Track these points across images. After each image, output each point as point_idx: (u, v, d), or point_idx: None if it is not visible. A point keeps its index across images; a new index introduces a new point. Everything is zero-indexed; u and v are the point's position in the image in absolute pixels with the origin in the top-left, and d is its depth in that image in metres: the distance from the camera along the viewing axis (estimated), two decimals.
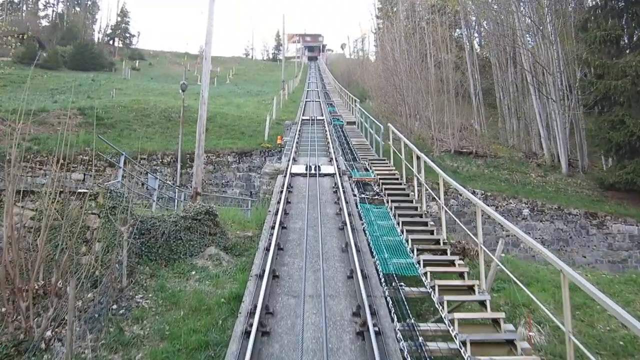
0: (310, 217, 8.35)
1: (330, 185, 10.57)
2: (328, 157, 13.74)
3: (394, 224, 8.51)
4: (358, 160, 14.08)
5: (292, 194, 9.78)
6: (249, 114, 27.18)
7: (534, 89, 26.30)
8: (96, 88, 36.67)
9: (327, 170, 11.68)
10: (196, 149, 11.44)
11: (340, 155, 14.12)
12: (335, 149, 15.02)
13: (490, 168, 24.04)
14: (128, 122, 22.92)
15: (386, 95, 33.21)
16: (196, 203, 8.69)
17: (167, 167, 20.14)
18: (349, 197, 9.60)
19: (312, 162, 12.69)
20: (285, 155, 14.51)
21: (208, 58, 11.48)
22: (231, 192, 20.28)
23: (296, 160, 13.08)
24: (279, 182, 10.71)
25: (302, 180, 10.89)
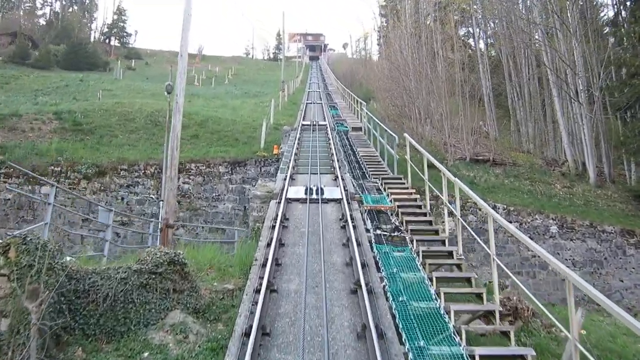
0: (310, 270, 6.13)
1: (336, 215, 8.33)
2: (332, 173, 11.51)
3: (423, 277, 6.27)
4: (368, 178, 11.84)
5: (287, 231, 7.54)
6: (245, 118, 24.94)
7: (557, 90, 24.02)
8: (84, 89, 34.48)
9: (332, 193, 9.43)
10: (166, 169, 9.22)
11: (346, 172, 11.89)
12: (340, 162, 12.79)
13: (510, 178, 21.77)
14: (109, 127, 20.69)
15: (393, 97, 30.98)
16: (157, 250, 6.43)
17: (150, 178, 17.92)
18: (361, 234, 7.37)
19: (314, 182, 10.46)
20: (281, 170, 12.27)
21: (184, 54, 9.24)
22: (222, 206, 18.05)
23: (294, 179, 10.84)
24: (271, 211, 8.48)
25: (300, 209, 8.66)
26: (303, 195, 9.26)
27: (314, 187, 9.60)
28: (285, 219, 8.00)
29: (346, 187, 9.75)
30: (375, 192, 10.18)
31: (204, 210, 17.87)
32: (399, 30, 26.85)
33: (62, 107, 22.48)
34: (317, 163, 12.76)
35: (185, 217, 17.69)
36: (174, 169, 8.82)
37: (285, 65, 59.15)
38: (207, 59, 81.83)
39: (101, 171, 17.48)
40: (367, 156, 14.55)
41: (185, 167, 18.32)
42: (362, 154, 14.77)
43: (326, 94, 40.46)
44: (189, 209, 17.79)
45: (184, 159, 18.43)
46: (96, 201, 17.09)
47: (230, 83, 56.16)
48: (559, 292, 17.59)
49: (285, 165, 12.45)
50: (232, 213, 18.00)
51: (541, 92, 32.98)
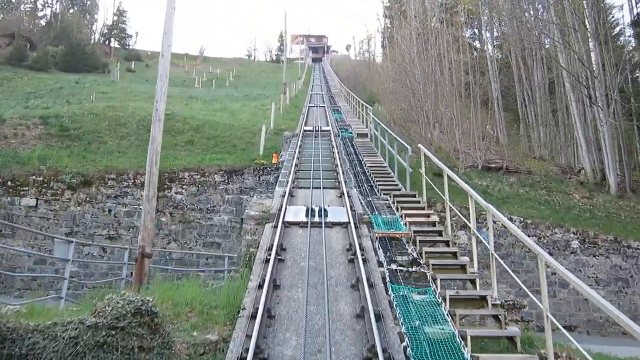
0: (311, 326, 4.84)
1: (342, 244, 7.03)
2: (337, 188, 10.23)
3: (453, 333, 4.98)
4: (377, 193, 10.56)
5: (283, 267, 6.26)
6: (244, 122, 23.70)
7: (575, 94, 22.68)
8: (78, 92, 33.35)
9: (338, 215, 8.15)
10: (145, 189, 7.94)
11: (352, 186, 10.61)
12: (345, 174, 11.52)
13: (526, 187, 20.44)
14: (99, 133, 19.48)
15: (399, 100, 29.70)
16: (119, 297, 5.15)
17: (140, 188, 16.63)
18: (373, 271, 6.09)
19: (316, 200, 9.19)
20: (279, 184, 11.00)
21: (166, 54, 7.99)
22: (218, 218, 16.79)
23: (293, 196, 9.56)
24: (266, 238, 7.20)
25: (300, 236, 7.37)
26: (303, 217, 7.98)
27: (316, 208, 8.32)
28: (282, 249, 6.72)
29: (353, 207, 8.46)
30: (386, 212, 8.89)
31: (197, 223, 16.64)
32: (406, 31, 25.58)
33: (49, 111, 21.28)
34: (319, 175, 11.48)
35: (178, 230, 16.44)
36: (152, 187, 7.54)
37: (288, 67, 58.05)
38: (208, 60, 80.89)
39: (87, 181, 16.26)
40: (375, 166, 13.26)
41: (178, 176, 17.10)
42: (369, 163, 13.49)
43: (329, 96, 39.22)
44: (182, 221, 16.55)
45: (177, 168, 17.24)
46: (81, 213, 15.89)
47: (232, 85, 55.11)
48: (581, 314, 16.27)
49: (284, 178, 11.18)
50: (228, 225, 16.76)
51: (551, 96, 31.72)
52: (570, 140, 29.63)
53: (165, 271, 15.44)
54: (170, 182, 16.99)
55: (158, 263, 15.88)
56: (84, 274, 15.34)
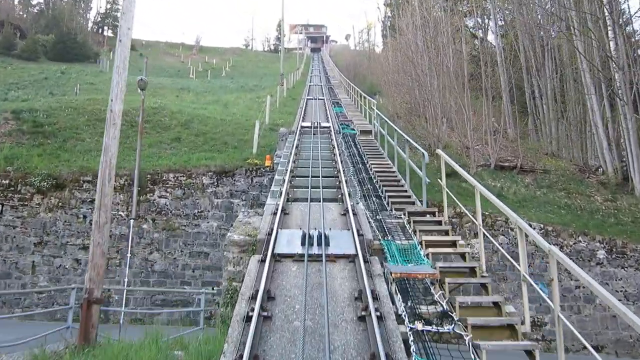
0: None
1: (349, 290, 5.38)
2: (340, 202, 8.59)
3: None
4: (387, 206, 8.92)
5: (270, 327, 4.61)
6: (237, 116, 21.96)
7: (595, 87, 20.94)
8: (64, 82, 31.52)
9: (342, 242, 6.50)
10: (94, 212, 6.26)
11: (358, 199, 8.97)
12: (349, 182, 9.87)
13: (543, 188, 18.79)
14: (76, 128, 17.74)
15: (403, 93, 27.95)
16: None
17: (120, 192, 14.98)
18: (392, 336, 4.45)
19: (315, 219, 7.54)
20: (272, 195, 9.35)
21: (125, 39, 6.29)
22: (206, 225, 15.13)
23: (287, 213, 7.89)
24: (250, 279, 5.56)
25: (294, 274, 5.72)
26: (299, 246, 6.32)
27: (314, 232, 6.66)
28: (269, 298, 5.07)
29: (360, 230, 6.81)
30: (401, 234, 7.24)
31: (183, 230, 14.99)
32: (412, 18, 23.74)
33: (24, 104, 19.49)
34: (319, 183, 9.82)
35: (161, 238, 14.80)
36: (104, 211, 5.86)
37: (286, 57, 56.16)
38: (205, 50, 78.96)
39: (59, 184, 14.58)
40: (382, 171, 11.60)
41: (162, 178, 15.42)
42: (376, 167, 11.82)
43: (328, 87, 37.45)
44: (166, 229, 14.90)
45: (161, 168, 15.57)
46: (52, 220, 14.23)
47: (228, 76, 53.27)
48: (609, 332, 14.70)
49: (277, 187, 9.54)
50: (217, 233, 15.11)
51: (562, 88, 30.03)
52: (583, 136, 28.00)
53: (138, 304, 13.87)
54: (153, 184, 15.32)
55: (138, 276, 14.32)
56: (54, 288, 13.71)
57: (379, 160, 12.64)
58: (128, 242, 14.49)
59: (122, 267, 14.26)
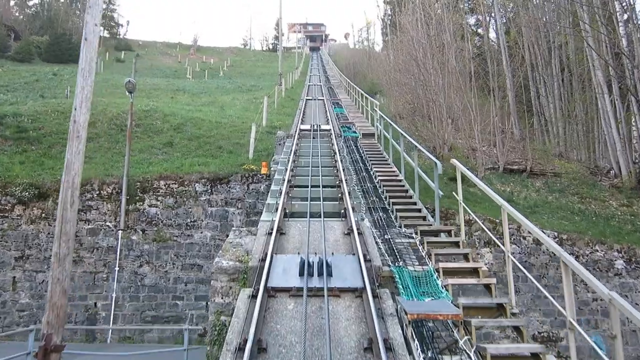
0: None
1: (356, 336, 4.48)
2: (343, 218, 7.70)
3: None
4: (395, 221, 8.02)
5: None
6: (233, 118, 21.04)
7: (607, 85, 20.02)
8: (55, 84, 30.60)
9: (346, 270, 5.61)
10: (54, 242, 5.36)
11: (363, 214, 8.07)
12: (352, 193, 8.97)
13: (555, 193, 17.89)
14: (62, 134, 16.80)
15: (405, 92, 27.04)
16: None
17: (107, 201, 14.08)
18: None
19: (314, 240, 6.65)
20: (267, 209, 8.47)
21: (91, 37, 5.40)
22: (199, 235, 14.23)
23: (284, 233, 6.99)
24: (238, 321, 4.67)
25: (290, 314, 4.83)
26: (296, 278, 5.42)
27: (315, 258, 5.75)
28: (260, 348, 4.17)
29: (368, 256, 5.90)
30: (413, 258, 6.34)
31: (175, 241, 14.09)
32: (415, 15, 22.80)
33: (8, 109, 18.56)
34: (319, 195, 8.92)
35: (151, 250, 13.90)
36: (66, 240, 4.96)
37: (285, 57, 55.22)
38: (202, 50, 78.11)
39: (42, 193, 13.68)
40: (388, 179, 10.69)
41: (153, 186, 14.51)
42: (381, 175, 10.92)
43: (328, 87, 36.55)
44: (156, 240, 13.99)
45: (152, 175, 14.67)
46: (34, 233, 13.33)
47: (225, 76, 52.37)
48: (629, 349, 13.82)
49: (273, 200, 8.63)
50: (211, 244, 14.22)
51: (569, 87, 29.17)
52: (590, 136, 27.13)
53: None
54: (142, 192, 14.41)
55: (127, 291, 13.43)
56: (37, 306, 12.82)
57: (383, 167, 11.73)
58: (116, 255, 13.64)
59: (110, 281, 13.40)
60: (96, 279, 13.36)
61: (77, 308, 13.01)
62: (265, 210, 8.58)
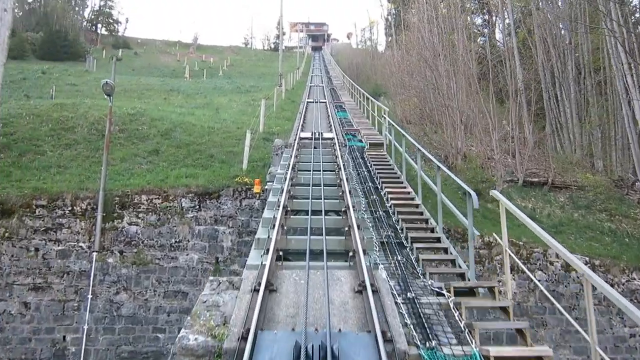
0: None
1: None
2: (351, 261, 6.07)
3: None
4: (417, 268, 6.38)
5: None
6: (227, 123, 19.40)
7: (636, 88, 18.36)
8: (43, 83, 28.99)
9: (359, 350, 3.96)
10: None
11: (376, 254, 6.44)
12: (363, 225, 7.33)
13: (580, 209, 16.23)
14: (37, 139, 15.21)
15: (413, 95, 25.39)
16: None
17: (80, 218, 12.45)
18: None
19: (316, 300, 5.01)
20: (256, 246, 6.86)
21: None
22: (184, 258, 12.60)
23: (274, 290, 5.33)
24: None
25: None
26: None
27: (315, 339, 4.11)
28: None
29: (389, 333, 4.26)
30: (448, 332, 4.69)
31: (157, 265, 12.46)
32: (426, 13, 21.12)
33: None
34: (321, 226, 7.28)
35: (130, 274, 12.26)
36: None
37: (286, 56, 53.59)
38: (202, 48, 76.57)
39: (6, 209, 12.07)
40: (402, 203, 9.04)
41: (133, 201, 12.88)
42: (394, 198, 9.27)
43: (330, 89, 34.91)
44: (136, 263, 12.37)
45: (133, 189, 13.03)
46: None
47: (225, 75, 50.73)
48: None
49: (265, 234, 7.01)
50: (198, 268, 12.60)
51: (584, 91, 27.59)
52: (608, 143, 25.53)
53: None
54: (122, 208, 12.78)
55: (101, 322, 11.80)
56: None
57: (396, 187, 10.07)
58: (89, 281, 12.02)
59: (82, 311, 11.78)
60: (65, 309, 11.74)
61: (42, 343, 11.39)
62: (254, 246, 6.95)
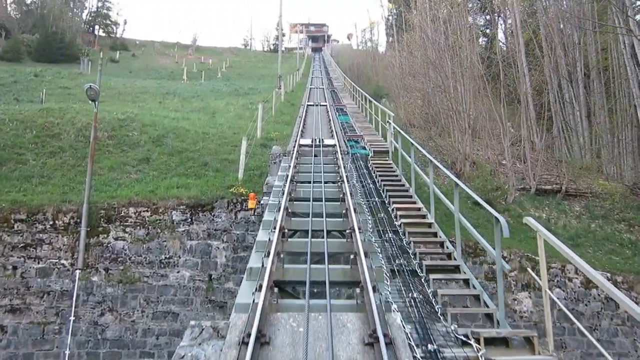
0: None
1: None
2: (361, 308, 5.13)
3: None
4: (435, 307, 5.46)
5: None
6: (223, 128, 18.49)
7: None
8: (34, 86, 28.08)
9: None
10: None
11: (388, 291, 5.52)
12: (372, 251, 6.42)
13: (597, 219, 15.30)
14: (19, 147, 14.30)
15: (416, 97, 24.48)
16: None
17: (63, 234, 11.55)
18: None
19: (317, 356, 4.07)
20: (248, 277, 5.95)
21: None
22: (175, 275, 11.69)
23: (267, 342, 4.39)
24: None
25: None
26: None
27: None
28: None
29: None
30: None
31: (145, 283, 11.54)
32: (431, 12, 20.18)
33: None
34: (323, 250, 6.36)
35: (116, 294, 11.35)
36: None
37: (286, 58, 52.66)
38: (201, 50, 75.77)
39: None
40: (413, 222, 8.12)
41: (120, 214, 11.97)
42: (404, 215, 8.34)
43: (331, 91, 34.02)
44: (122, 281, 11.45)
45: (119, 201, 12.12)
46: None
47: (223, 77, 49.88)
48: None
49: (258, 261, 6.11)
50: (189, 286, 11.68)
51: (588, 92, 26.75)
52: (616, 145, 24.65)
53: None
54: (107, 222, 11.87)
55: (84, 346, 10.87)
56: None
57: (405, 202, 9.14)
58: (72, 301, 11.11)
59: (63, 334, 10.87)
60: (46, 332, 10.83)
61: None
62: (246, 277, 6.02)
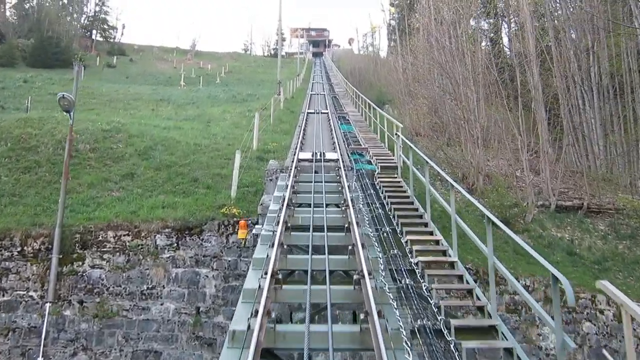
0: None
1: None
2: None
3: None
4: None
5: None
6: (217, 138, 17.23)
7: None
8: (23, 93, 26.89)
9: None
10: None
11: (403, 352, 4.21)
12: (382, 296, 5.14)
13: (625, 240, 13.98)
14: None
15: (422, 104, 23.24)
16: None
17: (32, 261, 10.27)
18: None
19: None
20: (229, 345, 4.65)
21: None
22: (158, 308, 10.38)
23: None
24: None
25: None
26: None
27: None
28: None
29: None
30: None
31: (124, 318, 10.24)
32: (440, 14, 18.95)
33: None
34: (325, 301, 5.12)
35: (91, 330, 10.04)
36: None
37: (286, 63, 51.51)
38: (201, 55, 74.72)
39: None
40: (432, 260, 6.82)
41: (97, 239, 10.68)
42: (420, 251, 7.04)
43: (332, 97, 32.76)
44: (99, 316, 10.15)
45: (97, 224, 10.82)
46: None
47: (222, 83, 48.72)
48: None
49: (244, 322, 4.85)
50: (174, 321, 10.36)
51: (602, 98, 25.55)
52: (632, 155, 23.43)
53: None
54: (83, 248, 10.60)
55: None
56: None
57: (420, 233, 7.83)
58: (40, 339, 9.80)
59: None
60: None
61: None
62: (227, 342, 4.74)
